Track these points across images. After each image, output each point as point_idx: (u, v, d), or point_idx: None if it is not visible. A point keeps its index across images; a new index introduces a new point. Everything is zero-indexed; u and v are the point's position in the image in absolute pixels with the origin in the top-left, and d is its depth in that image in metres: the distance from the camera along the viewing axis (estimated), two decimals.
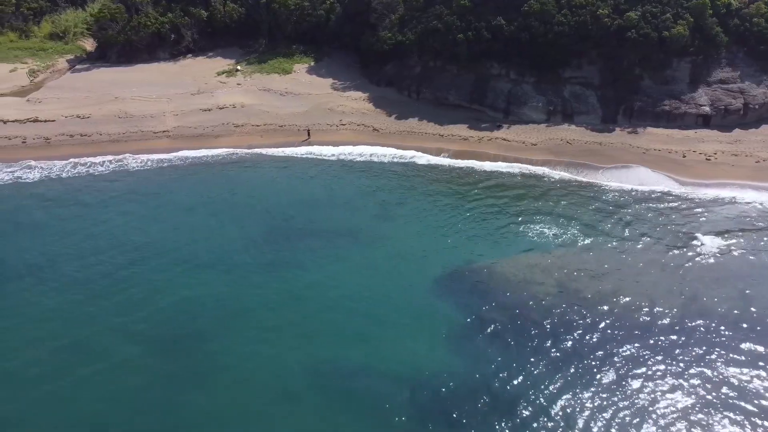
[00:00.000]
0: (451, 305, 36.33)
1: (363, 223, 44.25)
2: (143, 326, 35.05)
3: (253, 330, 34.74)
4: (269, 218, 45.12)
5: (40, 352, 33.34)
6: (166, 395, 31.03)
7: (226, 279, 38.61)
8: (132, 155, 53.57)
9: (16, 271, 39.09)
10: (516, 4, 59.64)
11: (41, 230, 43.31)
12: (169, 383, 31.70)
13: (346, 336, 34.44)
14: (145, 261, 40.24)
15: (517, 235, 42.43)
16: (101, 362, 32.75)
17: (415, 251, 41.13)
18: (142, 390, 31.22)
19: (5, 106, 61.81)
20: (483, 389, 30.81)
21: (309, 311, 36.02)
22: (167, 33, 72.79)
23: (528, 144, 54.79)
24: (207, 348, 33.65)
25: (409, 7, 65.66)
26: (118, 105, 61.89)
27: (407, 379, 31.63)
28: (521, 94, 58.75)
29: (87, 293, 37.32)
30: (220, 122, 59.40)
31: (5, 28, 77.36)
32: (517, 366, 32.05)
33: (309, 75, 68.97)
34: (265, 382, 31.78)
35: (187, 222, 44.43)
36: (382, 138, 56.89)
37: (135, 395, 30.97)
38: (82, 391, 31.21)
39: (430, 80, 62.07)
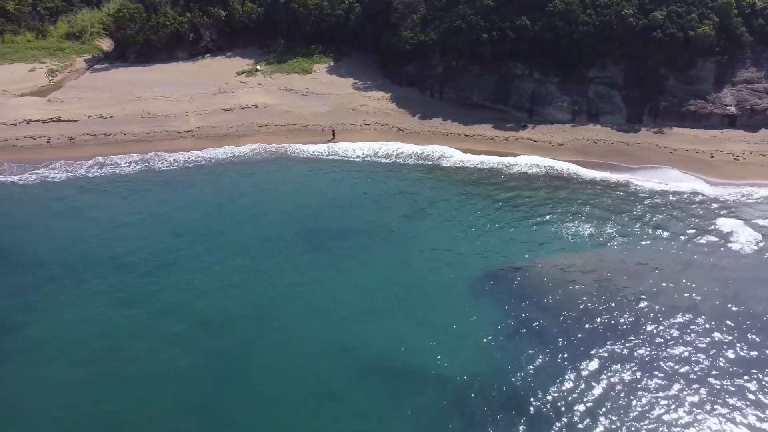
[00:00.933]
0: (490, 306, 36.18)
1: (394, 223, 44.09)
2: (180, 328, 34.90)
3: (293, 330, 34.60)
4: (300, 218, 44.94)
5: (80, 352, 33.31)
6: (208, 397, 30.94)
7: (262, 279, 38.47)
8: (158, 155, 53.47)
9: (51, 272, 38.92)
10: (540, 4, 59.54)
11: (72, 230, 43.16)
12: (210, 384, 31.61)
13: (386, 336, 34.23)
14: (178, 262, 40.11)
15: (551, 236, 42.29)
16: (140, 362, 32.69)
17: (449, 251, 41.01)
18: (183, 392, 31.13)
19: (27, 105, 61.67)
20: (526, 391, 30.70)
21: (348, 312, 35.89)
22: (186, 33, 72.61)
23: (555, 144, 54.66)
24: (247, 348, 33.49)
25: (430, 7, 65.52)
26: (140, 105, 61.75)
27: (449, 379, 31.52)
28: (545, 94, 58.64)
29: (123, 295, 37.17)
30: (244, 122, 59.25)
31: (22, 27, 77.21)
32: (561, 367, 31.96)
33: (329, 75, 68.81)
34: (307, 382, 31.65)
35: (217, 222, 44.26)
36: (407, 138, 56.73)
37: (176, 397, 30.88)
38: (123, 393, 31.09)
39: (453, 80, 61.94)
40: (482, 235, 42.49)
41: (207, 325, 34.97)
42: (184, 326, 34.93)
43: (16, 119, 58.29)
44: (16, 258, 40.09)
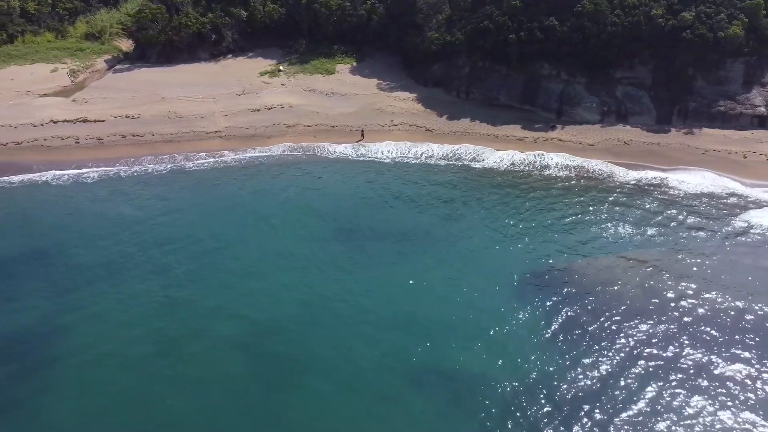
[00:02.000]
0: (537, 307, 36.01)
1: (431, 225, 43.93)
2: (228, 330, 34.75)
3: (342, 332, 34.42)
4: (335, 219, 44.81)
5: (129, 354, 33.13)
6: (260, 399, 30.75)
7: (305, 281, 38.29)
8: (187, 155, 53.34)
9: (93, 273, 38.74)
10: (567, 4, 59.47)
11: (110, 231, 42.96)
12: (262, 386, 31.44)
13: (434, 337, 34.07)
14: (219, 263, 40.00)
15: (591, 236, 42.17)
16: (190, 364, 32.52)
17: (490, 253, 40.89)
18: (235, 394, 30.91)
19: (52, 106, 61.50)
20: (575, 392, 30.58)
21: (395, 313, 35.72)
22: (208, 33, 72.42)
23: (585, 145, 54.56)
24: (296, 350, 33.33)
25: (455, 8, 65.44)
26: (166, 105, 61.57)
27: (499, 381, 31.37)
28: (574, 95, 58.54)
29: (166, 297, 37.06)
30: (271, 123, 59.08)
31: (42, 28, 76.97)
32: (611, 369, 31.81)
33: (352, 75, 68.66)
34: (360, 384, 31.49)
35: (254, 223, 44.08)
36: (436, 138, 56.62)
37: (229, 400, 30.64)
38: (175, 395, 30.93)
39: (480, 80, 61.82)
40: (521, 236, 42.36)
41: (255, 327, 34.81)
42: (231, 328, 34.75)
43: (42, 119, 58.09)
44: (58, 259, 39.92)
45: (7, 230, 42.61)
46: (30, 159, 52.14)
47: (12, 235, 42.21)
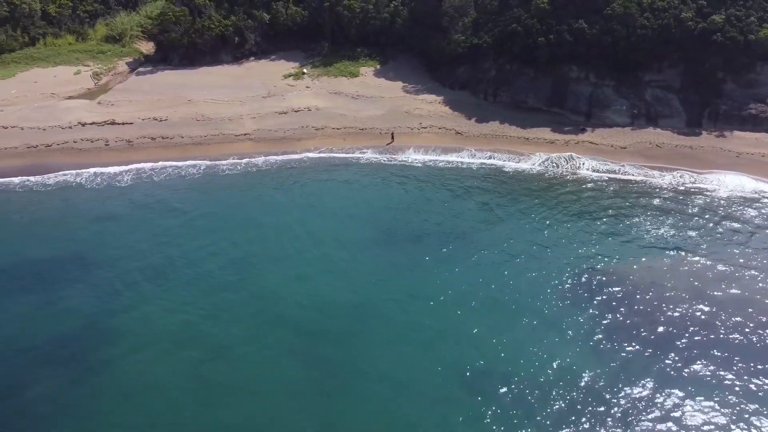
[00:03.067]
0: (585, 309, 35.84)
1: (471, 228, 43.72)
2: (278, 333, 34.58)
3: (393, 335, 34.20)
4: (373, 222, 44.57)
5: (179, 358, 32.90)
6: (316, 403, 30.51)
7: (350, 285, 38.05)
8: (218, 158, 53.16)
9: (136, 276, 38.54)
10: (596, 7, 59.45)
11: (149, 233, 42.80)
12: (315, 390, 31.19)
13: (487, 340, 33.86)
14: (262, 266, 39.81)
15: (633, 239, 41.99)
16: (241, 368, 32.30)
17: (533, 255, 40.65)
18: (290, 399, 30.69)
19: (78, 108, 61.29)
20: (630, 397, 30.38)
21: (444, 316, 35.50)
22: (231, 36, 72.31)
23: (617, 147, 54.45)
24: (350, 354, 33.05)
25: (481, 11, 65.37)
26: (192, 108, 61.39)
27: (553, 384, 31.21)
28: (603, 98, 58.45)
29: (212, 301, 36.81)
30: (299, 125, 58.93)
31: (63, 30, 76.82)
32: (665, 373, 31.63)
33: (377, 78, 68.53)
34: (413, 387, 31.23)
35: (293, 226, 43.82)
36: (466, 141, 56.52)
37: (284, 405, 30.45)
38: (227, 400, 30.67)
39: (507, 83, 61.72)
40: (562, 239, 42.17)
41: (303, 331, 34.61)
42: (280, 332, 34.56)
43: (70, 122, 57.93)
44: (97, 262, 39.68)
45: (46, 234, 42.33)
46: (61, 161, 51.96)
47: (51, 238, 41.95)
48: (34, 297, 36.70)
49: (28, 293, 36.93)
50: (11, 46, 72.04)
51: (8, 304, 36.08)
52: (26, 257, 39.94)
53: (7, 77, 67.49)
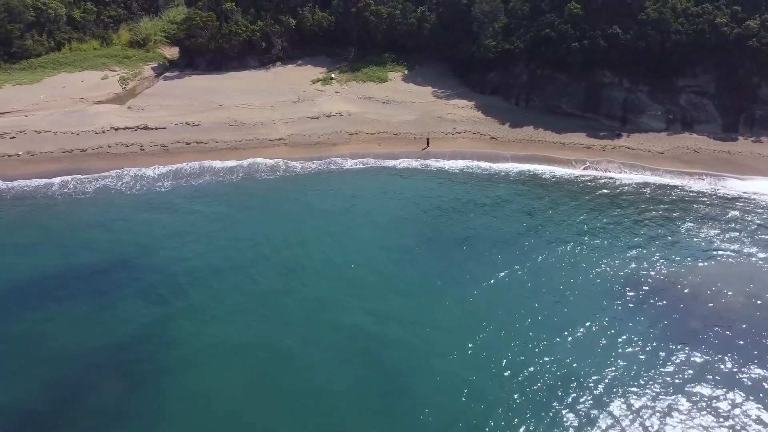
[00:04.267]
0: (645, 314, 35.48)
1: (515, 233, 43.35)
2: (335, 338, 34.12)
3: (452, 341, 33.77)
4: (415, 227, 44.19)
5: (240, 364, 32.49)
6: (379, 407, 30.14)
7: (398, 288, 37.72)
8: (256, 163, 52.91)
9: (185, 282, 38.08)
10: (629, 12, 59.46)
11: (193, 238, 42.35)
12: (379, 395, 30.79)
13: (546, 343, 33.52)
14: (311, 270, 39.36)
15: (681, 245, 41.63)
16: (304, 374, 31.88)
17: (582, 261, 40.25)
18: (353, 403, 30.31)
19: (109, 113, 61.06)
20: (693, 401, 30.08)
21: (495, 321, 35.12)
22: (258, 41, 72.27)
23: (654, 152, 54.26)
24: (410, 358, 32.65)
25: (513, 16, 65.35)
26: (224, 113, 61.17)
27: (617, 389, 30.88)
28: (637, 103, 58.36)
29: (263, 307, 36.38)
30: (332, 130, 58.71)
31: (87, 35, 76.69)
32: (726, 378, 31.30)
33: (405, 83, 68.45)
34: (470, 391, 30.83)
35: (338, 231, 43.42)
36: (502, 146, 56.30)
37: (346, 409, 30.06)
38: (291, 406, 30.29)
39: (540, 88, 61.63)
40: (610, 245, 41.78)
41: (361, 335, 34.18)
42: (334, 336, 34.13)
43: (103, 126, 57.65)
44: (144, 268, 39.19)
45: (90, 239, 41.89)
46: (97, 166, 51.61)
47: (96, 243, 41.49)
48: (85, 304, 36.24)
49: (79, 300, 36.47)
50: (37, 50, 71.87)
51: (60, 310, 35.62)
52: (73, 263, 39.50)
53: (35, 82, 67.30)
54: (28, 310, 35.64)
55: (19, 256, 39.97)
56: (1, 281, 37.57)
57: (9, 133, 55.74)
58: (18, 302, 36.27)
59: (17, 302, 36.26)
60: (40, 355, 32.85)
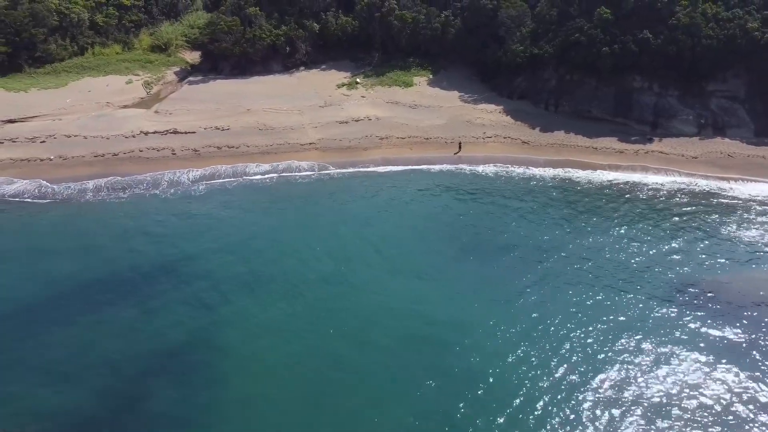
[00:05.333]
0: (694, 319, 35.26)
1: (556, 240, 43.03)
2: (386, 343, 33.90)
3: (506, 347, 33.50)
4: (455, 232, 43.95)
5: (292, 369, 32.18)
6: (441, 411, 29.90)
7: (444, 294, 37.54)
8: (288, 166, 52.73)
9: (228, 285, 37.85)
10: (659, 17, 59.45)
11: (233, 241, 42.08)
12: (440, 399, 30.52)
13: (600, 354, 33.27)
14: (351, 275, 39.12)
15: (727, 251, 41.43)
16: (355, 379, 31.62)
17: (629, 266, 40.06)
18: (416, 408, 30.04)
19: (136, 117, 60.81)
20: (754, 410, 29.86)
21: (550, 325, 34.92)
22: (282, 45, 72.13)
23: (688, 157, 54.14)
24: (461, 362, 32.43)
25: (540, 21, 65.30)
26: (253, 117, 60.96)
27: (681, 396, 30.64)
28: (668, 108, 58.27)
29: (309, 311, 36.20)
30: (362, 134, 58.50)
31: (110, 40, 76.56)
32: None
33: (431, 88, 68.32)
34: (522, 396, 30.65)
35: (373, 236, 43.18)
36: (534, 151, 56.12)
37: (410, 415, 29.80)
38: (350, 414, 29.98)
39: (569, 93, 61.52)
40: (655, 249, 41.57)
41: (413, 339, 33.97)
42: (388, 341, 33.87)
43: (132, 131, 57.39)
44: (188, 273, 38.88)
45: (131, 244, 41.50)
46: (130, 170, 51.28)
47: (136, 248, 41.11)
48: (130, 309, 35.89)
49: (124, 305, 36.12)
50: (61, 55, 71.56)
51: (106, 316, 35.26)
52: (115, 268, 39.13)
53: (60, 86, 67.04)
54: (76, 315, 35.29)
55: (61, 260, 39.61)
56: (47, 287, 37.21)
57: (39, 137, 55.53)
58: (64, 307, 35.91)
59: (64, 307, 35.90)
60: (90, 361, 32.52)
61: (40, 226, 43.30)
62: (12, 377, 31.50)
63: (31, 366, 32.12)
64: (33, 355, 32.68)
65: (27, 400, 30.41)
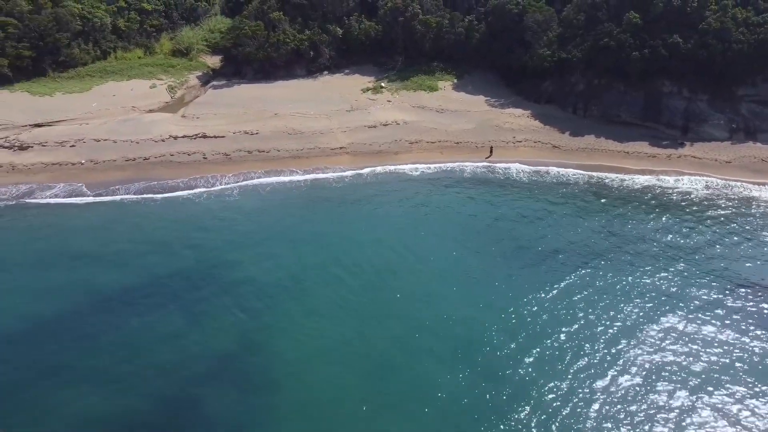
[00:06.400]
0: (744, 320, 35.02)
1: (600, 244, 42.80)
2: (429, 341, 33.90)
3: (545, 346, 33.31)
4: (498, 238, 43.62)
5: (346, 374, 31.83)
6: (490, 417, 29.59)
7: (492, 299, 37.25)
8: (322, 170, 52.45)
9: (272, 289, 37.53)
10: (689, 21, 59.36)
11: (271, 244, 41.87)
12: (490, 404, 30.17)
13: (668, 364, 33.01)
14: (395, 279, 38.91)
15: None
16: (417, 387, 31.27)
17: (683, 273, 39.72)
18: (466, 415, 29.68)
19: (164, 121, 60.52)
20: None
21: (599, 327, 34.66)
22: (306, 50, 72.02)
23: (721, 162, 53.94)
24: (510, 366, 32.12)
25: (567, 25, 65.21)
26: (281, 121, 60.73)
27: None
28: (699, 112, 58.12)
29: (359, 312, 35.95)
30: (392, 139, 58.28)
31: (131, 44, 76.46)
32: None
33: (456, 92, 68.19)
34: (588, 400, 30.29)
35: (416, 240, 42.93)
36: (565, 155, 55.91)
37: (457, 417, 29.45)
38: (405, 418, 29.61)
39: (598, 97, 61.38)
40: (713, 254, 41.25)
41: (462, 342, 33.81)
42: (438, 343, 33.74)
43: (161, 135, 57.14)
44: (233, 277, 38.58)
45: (172, 248, 41.15)
46: (163, 174, 50.99)
47: (178, 253, 40.76)
48: (176, 315, 35.54)
49: (173, 310, 35.79)
50: (84, 59, 71.40)
51: (157, 320, 34.92)
52: (160, 272, 38.79)
53: (84, 90, 66.80)
54: (121, 321, 34.89)
55: (103, 265, 39.23)
56: (91, 292, 36.80)
57: (68, 141, 55.25)
58: (109, 313, 35.52)
59: (109, 313, 35.51)
60: (140, 367, 32.12)
61: (80, 230, 42.92)
62: (61, 383, 31.09)
63: (80, 372, 31.75)
64: (81, 361, 32.32)
65: (78, 406, 30.01)
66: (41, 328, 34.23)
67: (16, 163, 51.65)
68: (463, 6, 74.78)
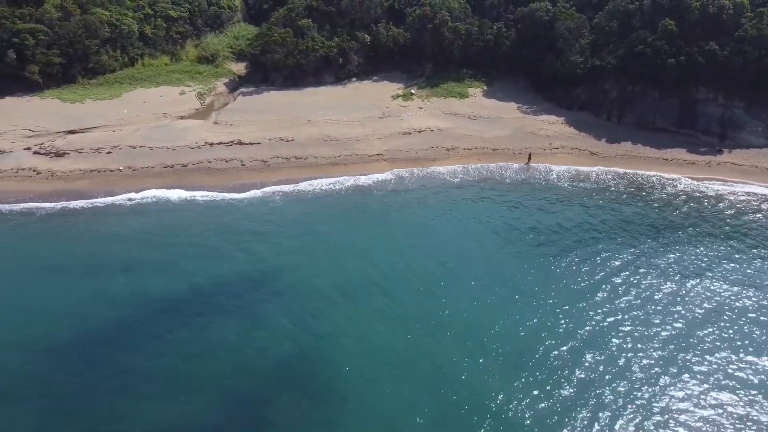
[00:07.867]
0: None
1: (648, 252, 42.39)
2: (492, 348, 33.50)
3: (597, 355, 32.81)
4: (545, 244, 43.27)
5: (394, 380, 31.34)
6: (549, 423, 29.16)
7: (539, 306, 36.88)
8: (362, 177, 52.19)
9: (325, 294, 37.20)
10: (724, 29, 59.33)
11: (322, 252, 41.44)
12: (551, 410, 29.70)
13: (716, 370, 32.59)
14: (447, 285, 38.59)
15: None
16: (477, 390, 30.79)
17: (726, 280, 39.42)
18: (517, 409, 29.22)
19: (196, 128, 60.24)
20: None
21: (647, 335, 34.27)
22: (335, 57, 71.96)
23: (762, 168, 53.70)
24: (567, 373, 31.72)
25: (600, 32, 65.19)
26: (315, 128, 60.48)
27: None
28: (735, 119, 57.96)
29: (407, 321, 35.52)
30: (428, 146, 58.02)
31: (158, 51, 76.42)
32: None
33: (487, 99, 68.05)
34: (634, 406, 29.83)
35: (463, 246, 42.63)
36: (604, 162, 55.65)
37: (515, 416, 29.08)
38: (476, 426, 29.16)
39: (632, 104, 61.23)
40: (748, 268, 40.97)
41: (524, 347, 33.48)
42: (500, 348, 33.35)
43: (197, 142, 56.83)
44: (285, 282, 38.24)
45: (221, 255, 40.72)
46: (202, 181, 50.67)
47: (227, 259, 40.36)
48: (234, 321, 35.12)
49: (229, 317, 35.35)
50: (112, 66, 71.34)
51: (215, 328, 34.44)
52: (209, 278, 38.35)
53: (114, 97, 66.63)
54: (179, 327, 34.44)
55: (154, 272, 38.77)
56: (145, 298, 36.38)
57: (104, 148, 54.94)
58: (166, 319, 35.09)
59: (165, 319, 35.08)
60: (203, 374, 31.71)
61: (127, 236, 42.49)
62: (122, 389, 30.57)
63: (142, 379, 31.18)
64: (143, 369, 31.75)
65: (141, 414, 29.45)
66: (104, 332, 33.93)
67: (54, 169, 51.34)
68: (492, 13, 74.88)
